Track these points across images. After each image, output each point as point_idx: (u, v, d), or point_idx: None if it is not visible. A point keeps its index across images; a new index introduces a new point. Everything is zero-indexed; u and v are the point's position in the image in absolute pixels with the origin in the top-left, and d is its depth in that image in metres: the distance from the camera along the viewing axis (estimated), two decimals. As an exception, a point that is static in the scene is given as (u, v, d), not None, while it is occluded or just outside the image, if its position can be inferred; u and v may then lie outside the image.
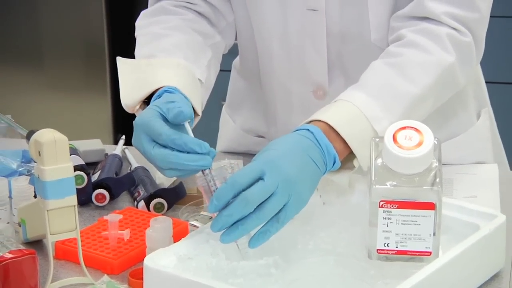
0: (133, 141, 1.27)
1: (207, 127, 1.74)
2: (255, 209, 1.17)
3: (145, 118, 1.24)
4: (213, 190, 1.21)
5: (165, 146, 1.22)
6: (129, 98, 1.36)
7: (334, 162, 1.26)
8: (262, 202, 1.17)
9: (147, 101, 1.36)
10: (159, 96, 1.31)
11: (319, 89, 1.52)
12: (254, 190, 1.17)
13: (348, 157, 1.30)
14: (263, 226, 1.18)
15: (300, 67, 1.52)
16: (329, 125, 1.27)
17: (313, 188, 1.25)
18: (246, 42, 1.59)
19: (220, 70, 1.55)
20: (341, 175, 1.32)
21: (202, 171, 1.22)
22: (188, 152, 1.21)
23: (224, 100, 1.73)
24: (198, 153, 1.20)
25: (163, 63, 1.39)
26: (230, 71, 1.71)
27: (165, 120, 1.24)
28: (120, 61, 1.42)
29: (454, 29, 1.39)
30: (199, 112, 1.36)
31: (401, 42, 1.40)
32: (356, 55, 1.48)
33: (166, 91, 1.32)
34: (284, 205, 1.19)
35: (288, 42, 1.51)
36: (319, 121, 1.28)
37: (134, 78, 1.38)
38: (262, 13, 1.51)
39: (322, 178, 1.27)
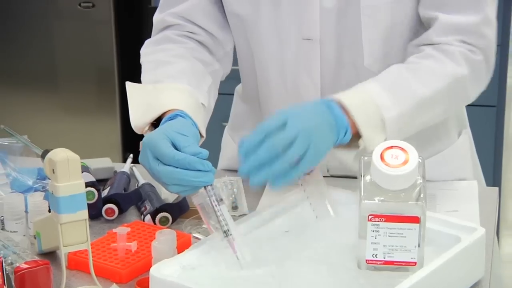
0: (140, 159, 1.28)
1: (209, 146, 1.74)
2: (278, 154, 1.21)
3: (152, 139, 1.25)
4: (215, 205, 1.21)
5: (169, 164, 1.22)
6: (138, 120, 1.36)
7: (345, 134, 1.30)
8: (285, 150, 1.22)
9: (155, 122, 1.36)
10: (171, 118, 1.32)
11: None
12: (279, 135, 1.22)
13: (354, 137, 1.32)
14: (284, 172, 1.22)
15: (295, 92, 1.52)
16: (343, 106, 1.31)
17: (328, 148, 1.29)
18: (247, 69, 1.59)
19: (223, 94, 1.55)
20: (347, 152, 1.35)
21: (205, 187, 1.22)
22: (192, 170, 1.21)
23: (225, 122, 1.73)
24: (201, 171, 1.21)
25: (170, 88, 1.39)
26: (232, 94, 1.71)
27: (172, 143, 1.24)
28: (129, 85, 1.42)
29: (468, 50, 1.41)
30: (203, 134, 1.36)
31: (419, 54, 1.42)
32: (349, 79, 1.47)
33: (178, 115, 1.32)
34: (304, 153, 1.23)
35: (284, 70, 1.51)
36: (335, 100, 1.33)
37: (142, 102, 1.38)
38: (261, 42, 1.51)
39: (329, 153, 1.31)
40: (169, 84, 1.41)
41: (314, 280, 1.20)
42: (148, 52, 1.53)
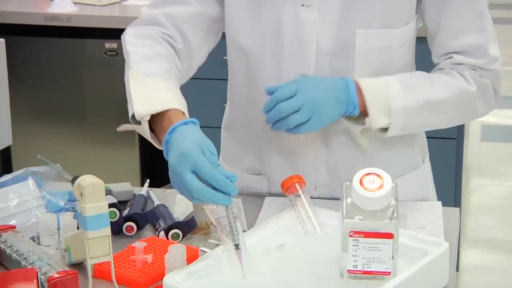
0: (172, 162, 1.21)
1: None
2: (284, 117, 1.33)
3: (193, 153, 1.20)
4: (232, 222, 1.21)
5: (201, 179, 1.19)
6: (141, 109, 1.32)
7: (354, 109, 1.36)
8: (290, 114, 1.32)
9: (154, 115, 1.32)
10: (186, 123, 1.27)
11: (305, 136, 1.48)
12: (285, 104, 1.33)
13: (362, 114, 1.38)
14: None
15: None
16: (359, 86, 1.37)
17: (332, 119, 1.37)
18: (243, 99, 1.55)
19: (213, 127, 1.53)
20: (355, 125, 1.40)
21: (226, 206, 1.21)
22: (219, 190, 1.18)
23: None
24: (225, 193, 1.18)
25: (167, 87, 1.36)
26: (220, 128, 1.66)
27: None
28: (133, 74, 1.39)
29: (479, 76, 1.43)
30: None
31: (439, 69, 1.45)
32: None
33: (192, 122, 1.28)
34: (307, 120, 1.32)
35: None
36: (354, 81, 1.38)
37: (145, 93, 1.34)
38: (261, 76, 1.47)
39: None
40: (165, 82, 1.36)
41: (304, 287, 1.19)
42: (134, 43, 1.46)
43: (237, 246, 1.21)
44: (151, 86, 1.36)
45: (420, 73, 1.45)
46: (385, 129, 1.40)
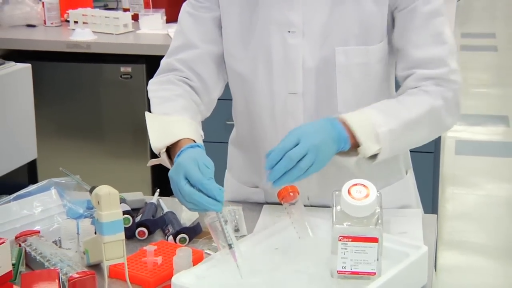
0: (171, 173, 1.28)
1: (220, 185, 1.72)
2: (295, 165, 1.27)
3: (187, 163, 1.26)
4: (223, 225, 1.23)
5: (193, 186, 1.24)
6: (157, 143, 1.35)
7: (345, 144, 1.33)
8: (300, 160, 1.27)
9: (169, 146, 1.36)
10: (192, 147, 1.31)
11: None
12: (295, 151, 1.28)
13: (353, 147, 1.34)
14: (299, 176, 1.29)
15: (284, 135, 1.49)
16: (344, 121, 1.34)
17: (330, 157, 1.33)
18: (243, 118, 1.55)
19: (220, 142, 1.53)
20: (348, 159, 1.37)
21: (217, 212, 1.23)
22: (208, 196, 1.23)
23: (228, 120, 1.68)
24: (215, 199, 1.23)
25: (180, 120, 1.38)
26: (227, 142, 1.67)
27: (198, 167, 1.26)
28: (148, 115, 1.41)
29: (442, 88, 1.40)
30: None
31: (404, 93, 1.43)
32: None
33: (198, 146, 1.33)
34: (312, 163, 1.28)
35: (275, 117, 1.48)
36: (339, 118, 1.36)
37: (159, 130, 1.37)
38: (255, 96, 1.48)
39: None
40: (178, 117, 1.39)
41: (297, 286, 1.19)
42: (155, 89, 1.49)
43: (230, 246, 1.22)
44: (165, 123, 1.38)
45: (389, 100, 1.42)
46: (374, 155, 1.37)
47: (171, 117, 1.39)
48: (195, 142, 1.34)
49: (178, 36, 1.52)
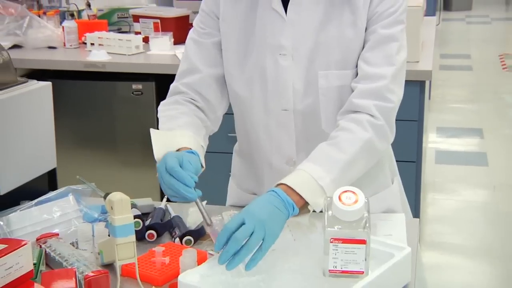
0: (158, 166, 1.29)
1: (221, 192, 1.73)
2: (243, 245, 1.16)
3: (170, 157, 1.28)
4: (201, 207, 1.26)
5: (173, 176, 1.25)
6: (159, 155, 1.34)
7: (294, 209, 1.25)
8: (248, 239, 1.16)
9: None
10: (187, 152, 1.33)
11: (289, 160, 1.49)
12: (240, 231, 1.17)
13: (304, 205, 1.28)
14: (252, 255, 1.17)
15: (278, 147, 1.49)
16: (288, 185, 1.27)
17: (281, 226, 1.23)
18: (242, 132, 1.56)
19: (223, 153, 1.52)
20: (302, 217, 1.30)
21: (196, 202, 1.26)
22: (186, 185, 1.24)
23: (231, 133, 1.67)
24: (190, 188, 1.24)
25: (181, 134, 1.39)
26: (231, 153, 1.67)
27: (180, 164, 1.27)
28: (153, 131, 1.41)
29: (372, 116, 1.37)
30: (203, 165, 1.37)
31: (337, 128, 1.38)
32: (313, 137, 1.45)
33: (192, 152, 1.34)
34: (263, 239, 1.18)
35: (270, 131, 1.48)
36: (282, 184, 1.28)
37: (162, 143, 1.37)
38: (252, 113, 1.48)
39: (291, 219, 1.26)
40: (180, 131, 1.40)
41: (293, 285, 1.18)
42: (163, 110, 1.50)
43: (208, 224, 1.25)
44: (167, 136, 1.38)
45: (322, 146, 1.36)
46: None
47: (173, 132, 1.39)
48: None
49: (184, 61, 1.53)
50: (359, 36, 1.40)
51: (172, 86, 1.54)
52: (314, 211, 1.29)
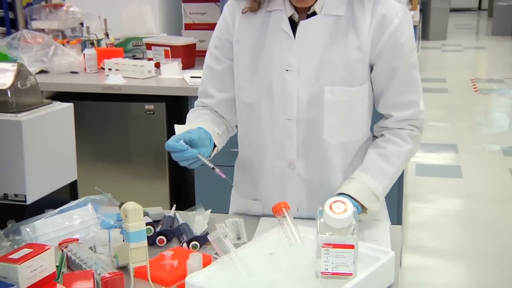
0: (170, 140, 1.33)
1: (224, 202, 1.72)
2: None
3: (177, 129, 1.37)
4: (208, 164, 1.32)
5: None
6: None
7: (358, 209, 1.37)
8: None
9: None
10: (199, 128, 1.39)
11: (290, 164, 1.48)
12: None
13: (364, 209, 1.40)
14: None
15: (281, 152, 1.48)
16: (347, 194, 1.38)
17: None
18: (246, 139, 1.54)
19: (226, 166, 1.52)
20: (363, 216, 1.41)
21: (199, 158, 1.32)
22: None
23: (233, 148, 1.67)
24: (185, 150, 1.31)
25: (198, 123, 1.44)
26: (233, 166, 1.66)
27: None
28: (176, 126, 1.43)
29: (411, 130, 1.46)
30: (217, 144, 1.44)
31: (383, 138, 1.47)
32: (314, 145, 1.45)
33: (204, 131, 1.40)
34: None
35: (274, 138, 1.47)
36: (342, 193, 1.39)
37: (183, 128, 1.41)
38: (259, 121, 1.48)
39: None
40: (200, 124, 1.44)
41: (289, 285, 1.18)
42: (189, 115, 1.56)
43: (213, 169, 1.32)
44: (187, 126, 1.44)
45: (373, 156, 1.45)
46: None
47: (193, 123, 1.45)
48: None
49: (201, 84, 1.58)
50: (363, 59, 1.40)
51: (195, 102, 1.59)
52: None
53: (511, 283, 3.03)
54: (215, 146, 1.43)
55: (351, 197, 1.37)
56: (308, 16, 1.43)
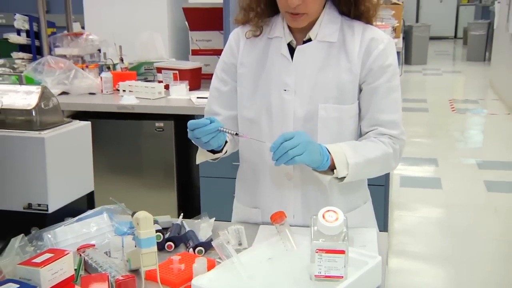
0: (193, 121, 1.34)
1: (227, 211, 1.72)
2: (287, 151, 1.26)
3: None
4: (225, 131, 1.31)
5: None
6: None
7: (327, 160, 1.33)
8: (290, 149, 1.26)
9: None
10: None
11: (288, 175, 1.47)
12: (288, 142, 1.27)
13: (328, 169, 1.35)
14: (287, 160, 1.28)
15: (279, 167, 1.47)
16: (327, 148, 1.35)
17: (316, 158, 1.32)
18: (246, 153, 1.53)
19: (228, 178, 1.51)
20: (325, 176, 1.37)
21: (219, 130, 1.33)
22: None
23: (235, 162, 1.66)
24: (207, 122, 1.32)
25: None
26: (235, 178, 1.65)
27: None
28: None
29: (393, 143, 1.43)
30: (227, 144, 1.46)
31: (365, 136, 1.44)
32: None
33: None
34: (301, 153, 1.27)
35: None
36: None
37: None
38: (259, 136, 1.46)
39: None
40: None
41: (285, 287, 1.17)
42: None
43: (236, 134, 1.33)
44: None
45: (357, 142, 1.44)
46: (342, 178, 1.38)
47: None
48: None
49: (208, 103, 1.57)
50: (354, 80, 1.42)
51: (206, 111, 1.58)
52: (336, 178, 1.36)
53: (486, 284, 3.02)
54: (225, 143, 1.44)
55: (328, 152, 1.34)
56: (304, 42, 1.45)
